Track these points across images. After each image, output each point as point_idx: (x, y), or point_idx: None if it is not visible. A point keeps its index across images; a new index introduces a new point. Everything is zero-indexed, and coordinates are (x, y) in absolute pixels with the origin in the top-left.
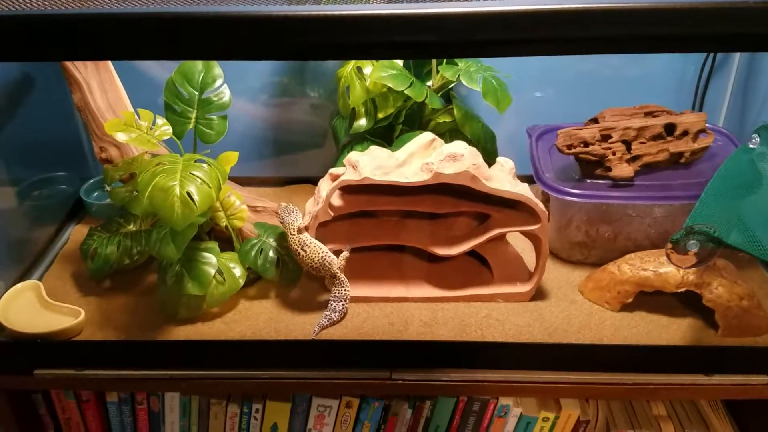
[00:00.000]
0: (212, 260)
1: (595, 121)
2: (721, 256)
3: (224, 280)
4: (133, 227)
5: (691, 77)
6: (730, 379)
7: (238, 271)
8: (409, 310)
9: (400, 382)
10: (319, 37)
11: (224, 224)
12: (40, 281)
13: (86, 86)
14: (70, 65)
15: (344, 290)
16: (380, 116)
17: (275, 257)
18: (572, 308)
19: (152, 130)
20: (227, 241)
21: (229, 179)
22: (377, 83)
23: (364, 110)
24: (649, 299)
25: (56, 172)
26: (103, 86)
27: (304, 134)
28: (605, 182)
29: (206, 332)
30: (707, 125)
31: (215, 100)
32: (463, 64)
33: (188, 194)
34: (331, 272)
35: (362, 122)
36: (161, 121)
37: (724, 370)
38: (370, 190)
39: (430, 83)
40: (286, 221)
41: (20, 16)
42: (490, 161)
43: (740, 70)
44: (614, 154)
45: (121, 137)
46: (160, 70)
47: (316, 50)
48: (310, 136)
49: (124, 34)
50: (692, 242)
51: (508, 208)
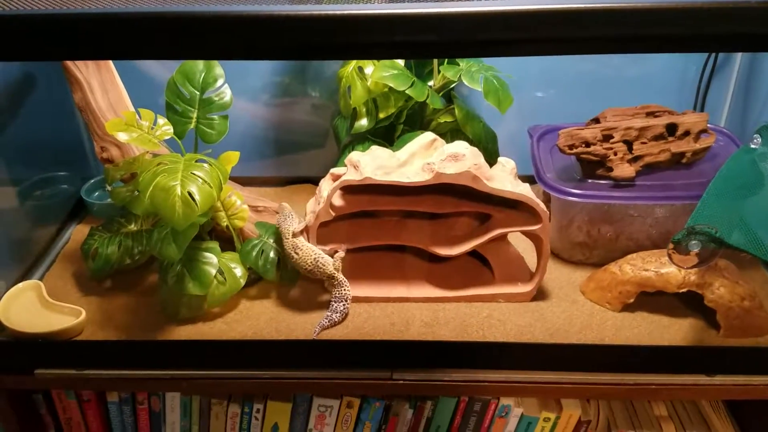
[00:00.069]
0: (213, 260)
1: (596, 121)
2: (722, 256)
3: (225, 280)
4: (134, 227)
5: (692, 77)
6: (731, 379)
7: (239, 271)
8: (410, 310)
9: (401, 382)
10: (320, 36)
11: (225, 224)
12: (41, 281)
13: (87, 86)
14: (71, 65)
15: (344, 291)
16: (381, 116)
17: (276, 258)
18: (573, 308)
19: (153, 129)
20: (228, 241)
21: (230, 179)
22: (378, 83)
23: (365, 110)
24: (650, 299)
25: (57, 171)
26: (104, 86)
27: (305, 134)
28: (606, 182)
29: (207, 332)
30: (709, 125)
31: (216, 99)
32: (464, 64)
33: (189, 194)
34: (327, 274)
35: (363, 122)
36: (162, 120)
37: (725, 370)
38: (371, 190)
39: (431, 83)
40: (282, 226)
41: (21, 15)
42: (491, 161)
43: (742, 70)
44: (616, 154)
45: (122, 137)
46: (161, 69)
47: (317, 50)
48: (311, 136)
49: (125, 33)
50: (694, 242)
51: (509, 208)
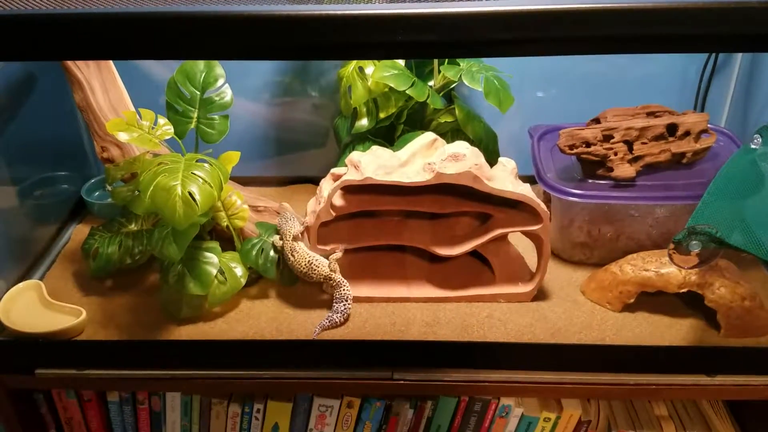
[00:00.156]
0: (214, 260)
1: (597, 121)
2: (723, 256)
3: (226, 279)
4: (134, 227)
5: (693, 77)
6: (732, 379)
7: (239, 270)
8: (410, 310)
9: (401, 382)
10: (320, 36)
11: (225, 224)
12: (41, 281)
13: (88, 86)
14: (71, 65)
15: (343, 291)
16: (382, 116)
17: (276, 257)
18: (574, 308)
19: (154, 129)
20: (228, 240)
21: (230, 179)
22: (379, 83)
23: (365, 110)
24: (651, 299)
25: (58, 171)
26: (104, 86)
27: (305, 134)
28: (607, 182)
29: (208, 332)
30: (709, 125)
31: (217, 99)
32: (464, 64)
33: (190, 194)
34: (323, 275)
35: (364, 122)
36: (163, 120)
37: (726, 370)
38: (371, 190)
39: (431, 83)
40: (283, 228)
41: (21, 15)
42: (491, 161)
43: (742, 70)
44: (616, 154)
45: (122, 137)
46: (161, 69)
47: (317, 50)
48: (311, 135)
49: (125, 33)
50: (694, 243)
51: (509, 208)
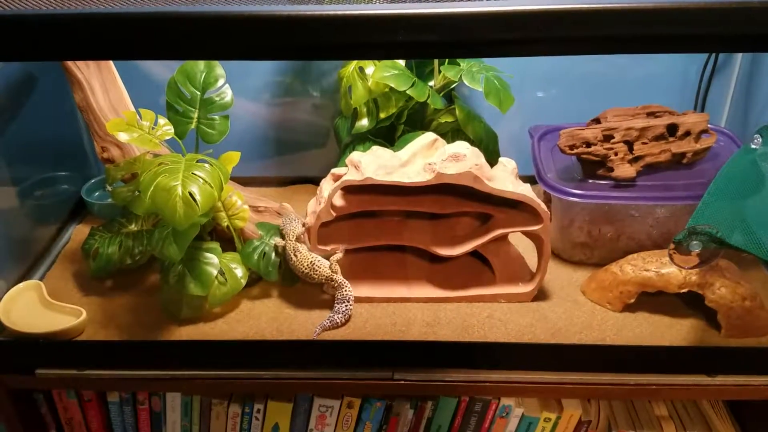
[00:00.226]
0: (214, 260)
1: (597, 121)
2: (723, 256)
3: (226, 280)
4: (134, 227)
5: (693, 77)
6: (732, 379)
7: (239, 271)
8: (411, 310)
9: (402, 382)
10: (320, 36)
11: (226, 224)
12: (41, 281)
13: (88, 86)
14: (71, 65)
15: (345, 292)
16: (382, 116)
17: (278, 260)
18: (574, 309)
19: (154, 129)
20: (229, 241)
21: (231, 179)
22: (379, 83)
23: (366, 110)
24: (651, 300)
25: (58, 171)
26: (104, 86)
27: (306, 134)
28: (607, 183)
29: (208, 332)
30: (709, 125)
31: (217, 99)
32: (465, 64)
33: (190, 194)
34: (324, 276)
35: (364, 122)
36: (163, 120)
37: (726, 370)
38: (372, 190)
39: (432, 83)
40: (287, 228)
41: (21, 15)
42: (492, 161)
43: (742, 70)
44: (616, 154)
45: (122, 137)
46: (161, 69)
47: (317, 50)
48: (312, 136)
49: (125, 33)
50: (695, 243)
51: (510, 208)
